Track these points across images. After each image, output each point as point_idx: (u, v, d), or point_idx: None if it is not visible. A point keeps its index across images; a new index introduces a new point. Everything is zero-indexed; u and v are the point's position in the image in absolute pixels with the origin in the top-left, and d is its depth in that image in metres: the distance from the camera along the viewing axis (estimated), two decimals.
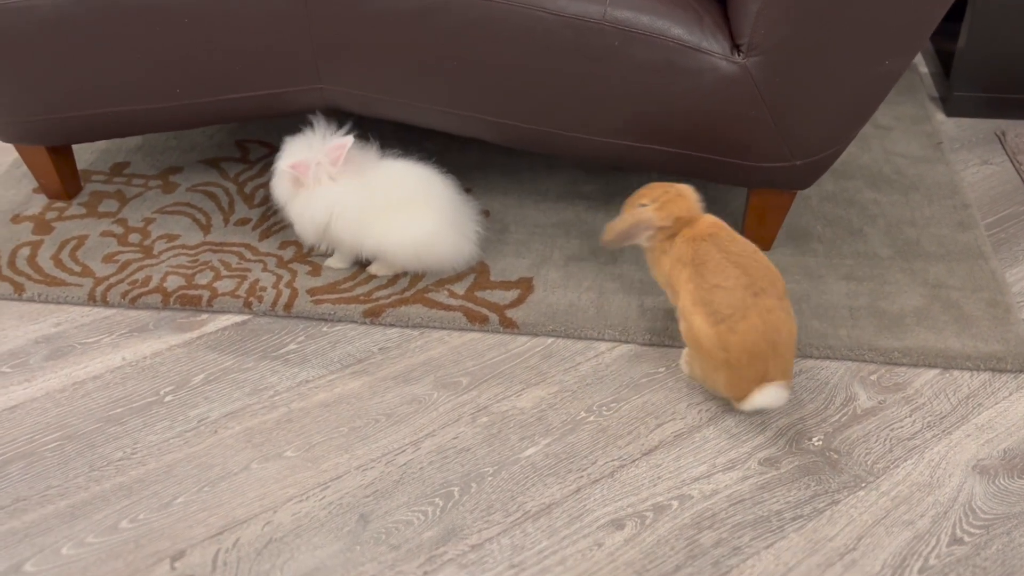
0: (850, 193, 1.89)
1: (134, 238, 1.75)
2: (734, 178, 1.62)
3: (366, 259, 1.65)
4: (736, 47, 1.44)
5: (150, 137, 2.05)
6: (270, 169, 1.68)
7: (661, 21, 1.44)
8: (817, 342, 1.53)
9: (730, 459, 1.36)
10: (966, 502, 1.30)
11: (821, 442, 1.38)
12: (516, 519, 1.27)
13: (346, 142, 1.53)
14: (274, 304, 1.59)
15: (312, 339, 1.55)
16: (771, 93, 1.46)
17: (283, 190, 1.59)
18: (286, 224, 1.76)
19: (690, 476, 1.33)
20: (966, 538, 1.25)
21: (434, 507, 1.28)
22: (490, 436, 1.39)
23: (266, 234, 1.76)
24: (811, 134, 1.53)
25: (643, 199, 1.43)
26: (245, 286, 1.63)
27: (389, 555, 1.22)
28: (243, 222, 1.79)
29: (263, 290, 1.62)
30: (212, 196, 1.86)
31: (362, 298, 1.61)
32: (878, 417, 1.42)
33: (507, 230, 1.76)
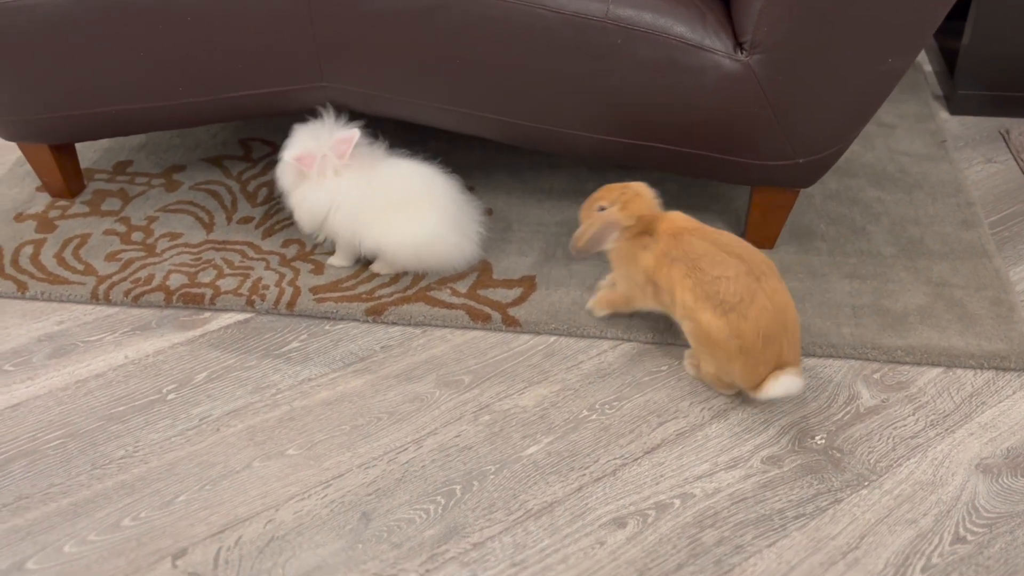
0: (853, 191, 1.88)
1: (137, 236, 1.75)
2: (737, 176, 1.62)
3: (368, 257, 1.65)
4: (739, 45, 1.44)
5: (153, 135, 2.05)
6: (273, 167, 1.68)
7: (664, 19, 1.44)
8: (820, 340, 1.52)
9: (732, 457, 1.35)
10: (969, 501, 1.30)
11: (824, 440, 1.38)
12: (518, 517, 1.27)
13: (353, 136, 1.53)
14: (277, 302, 1.60)
15: (314, 337, 1.55)
16: (774, 91, 1.45)
17: (287, 178, 1.59)
18: (289, 222, 1.76)
19: (692, 474, 1.33)
20: (969, 537, 1.25)
21: (436, 505, 1.28)
22: (492, 434, 1.39)
23: (269, 232, 1.76)
24: (814, 132, 1.53)
25: (601, 202, 1.44)
26: (248, 284, 1.63)
27: (391, 553, 1.22)
28: (246, 220, 1.79)
29: (266, 288, 1.62)
30: (215, 194, 1.87)
31: (364, 296, 1.61)
32: (881, 416, 1.42)
33: (510, 228, 1.76)
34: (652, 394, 1.45)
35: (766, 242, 1.71)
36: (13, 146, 2.03)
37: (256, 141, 2.03)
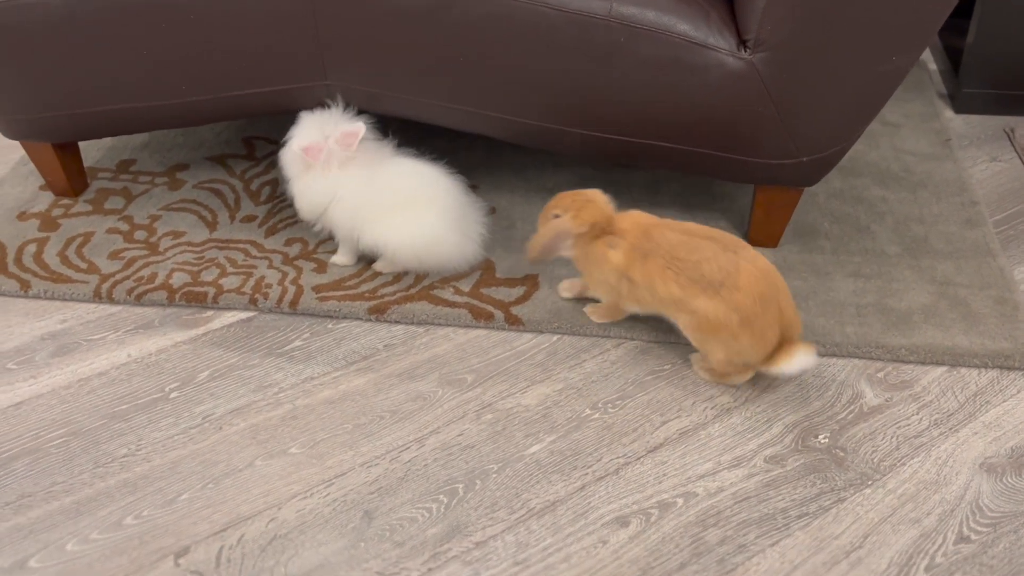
0: (858, 190, 1.88)
1: (140, 235, 1.75)
2: (741, 175, 1.61)
3: (371, 256, 1.64)
4: (742, 43, 1.43)
5: (156, 134, 2.06)
6: (276, 167, 1.68)
7: (667, 17, 1.44)
8: (824, 339, 1.52)
9: (736, 456, 1.35)
10: (973, 500, 1.29)
11: (827, 440, 1.38)
12: (520, 516, 1.27)
13: (358, 130, 1.53)
14: (279, 301, 1.59)
15: (317, 336, 1.55)
16: (778, 89, 1.45)
17: (292, 165, 1.59)
18: (292, 221, 1.76)
19: (695, 473, 1.33)
20: (973, 536, 1.24)
21: (438, 504, 1.28)
22: (495, 433, 1.38)
23: (272, 231, 1.76)
24: (818, 131, 1.52)
25: (555, 210, 1.46)
26: (251, 283, 1.63)
27: (393, 552, 1.22)
28: (249, 219, 1.79)
29: (268, 287, 1.62)
30: (218, 193, 1.87)
31: (367, 295, 1.61)
32: (885, 415, 1.42)
33: (513, 227, 1.76)
34: (655, 393, 1.45)
35: (770, 241, 1.71)
36: (16, 145, 2.03)
37: (260, 140, 2.03)
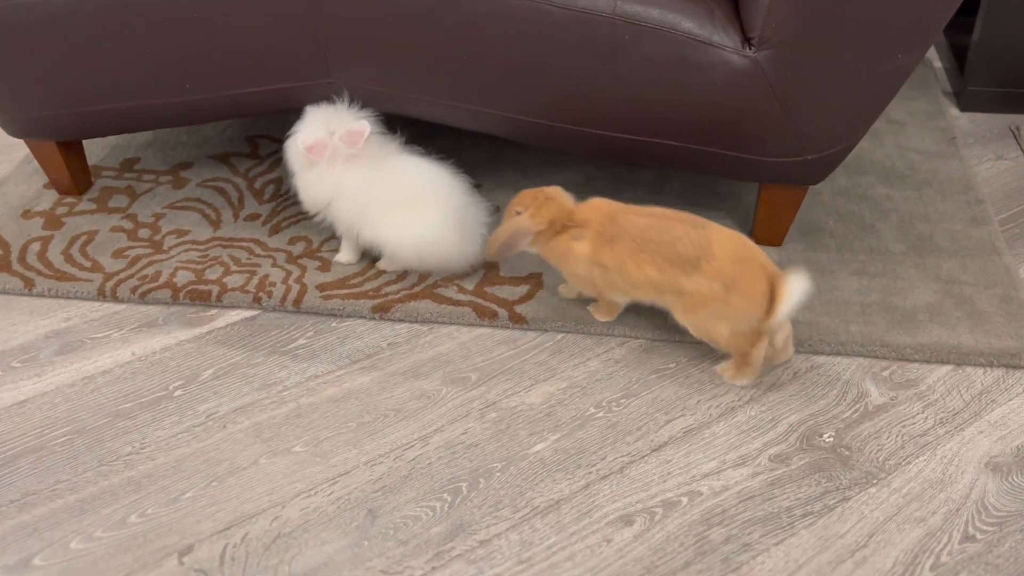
0: (863, 188, 1.87)
1: (144, 233, 1.75)
2: (745, 173, 1.61)
3: (375, 254, 1.64)
4: (747, 41, 1.43)
5: (160, 133, 2.06)
6: (280, 165, 1.68)
7: (672, 15, 1.43)
8: (828, 338, 1.52)
9: (740, 455, 1.35)
10: (979, 499, 1.29)
11: (832, 438, 1.37)
12: (524, 515, 1.27)
13: (364, 129, 1.53)
14: (283, 299, 1.59)
15: (321, 334, 1.55)
16: (782, 87, 1.45)
17: (296, 159, 1.59)
18: (296, 219, 1.76)
19: (700, 472, 1.32)
20: (978, 535, 1.24)
21: (442, 503, 1.28)
22: (499, 432, 1.38)
23: (275, 229, 1.76)
24: (822, 129, 1.52)
25: (517, 207, 1.47)
26: (254, 281, 1.63)
27: (397, 550, 1.22)
28: (253, 217, 1.79)
29: (272, 285, 1.62)
30: (222, 192, 1.87)
31: (371, 293, 1.60)
32: (890, 414, 1.41)
33: None
34: (659, 391, 1.45)
35: (775, 239, 1.71)
36: (21, 143, 2.03)
37: (263, 138, 2.03)
